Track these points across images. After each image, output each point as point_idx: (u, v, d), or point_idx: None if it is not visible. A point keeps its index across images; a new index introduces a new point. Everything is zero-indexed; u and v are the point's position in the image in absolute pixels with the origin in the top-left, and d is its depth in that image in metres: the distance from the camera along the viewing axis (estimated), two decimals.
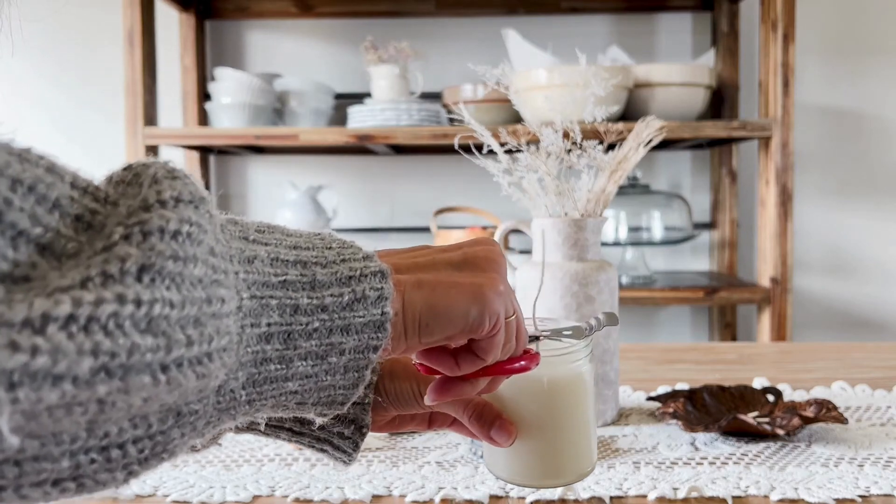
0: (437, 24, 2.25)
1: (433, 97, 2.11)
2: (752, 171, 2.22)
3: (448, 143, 1.56)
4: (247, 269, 0.36)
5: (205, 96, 2.21)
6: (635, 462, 0.72)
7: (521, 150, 0.83)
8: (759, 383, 0.97)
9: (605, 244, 2.02)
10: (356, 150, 2.16)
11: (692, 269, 2.30)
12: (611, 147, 0.84)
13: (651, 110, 1.86)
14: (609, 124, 0.84)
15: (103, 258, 0.29)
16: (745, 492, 0.65)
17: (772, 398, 0.86)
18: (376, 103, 1.98)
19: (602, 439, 0.78)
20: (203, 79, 2.23)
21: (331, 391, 0.39)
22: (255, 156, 2.31)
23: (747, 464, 0.71)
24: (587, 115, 0.83)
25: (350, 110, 2.02)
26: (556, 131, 0.82)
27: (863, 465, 0.70)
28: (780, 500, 0.63)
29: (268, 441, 0.76)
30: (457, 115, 0.86)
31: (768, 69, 1.92)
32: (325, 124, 2.08)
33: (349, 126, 2.00)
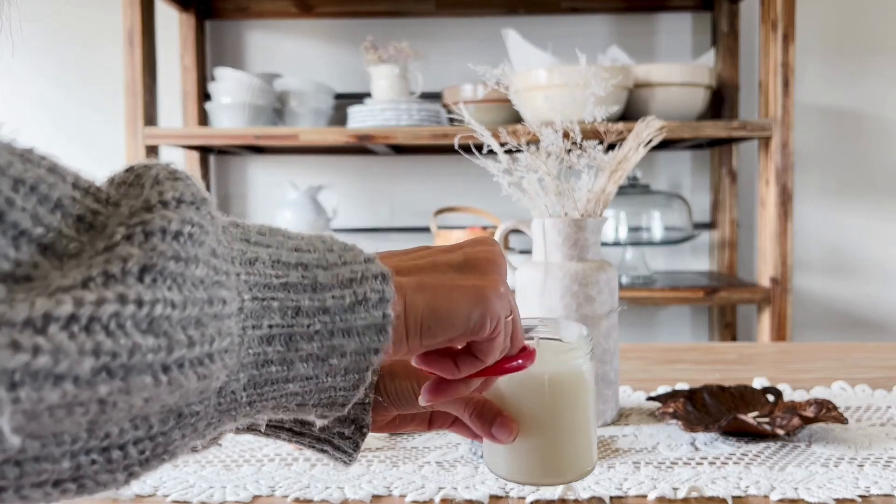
0: (437, 24, 2.25)
1: (433, 97, 2.11)
2: (752, 171, 2.22)
3: (448, 143, 1.56)
4: (248, 271, 0.36)
5: (205, 96, 2.21)
6: (635, 462, 0.72)
7: (521, 150, 0.83)
8: (759, 383, 0.97)
9: (605, 244, 2.02)
10: (356, 150, 2.16)
11: (692, 269, 2.30)
12: (611, 147, 0.84)
13: (651, 110, 1.86)
14: (609, 124, 0.84)
15: (105, 258, 0.29)
16: (745, 492, 0.65)
17: (772, 398, 0.86)
18: (376, 103, 1.98)
19: (602, 439, 0.78)
20: (203, 79, 2.23)
21: (331, 393, 0.39)
22: (255, 156, 2.31)
23: (747, 464, 0.71)
24: (587, 115, 0.83)
25: (350, 110, 2.02)
26: (556, 131, 0.82)
27: (863, 465, 0.70)
28: (780, 500, 0.63)
29: (268, 441, 0.76)
30: (457, 115, 0.85)
31: (768, 69, 1.92)
32: (325, 124, 2.08)
33: (349, 126, 2.00)
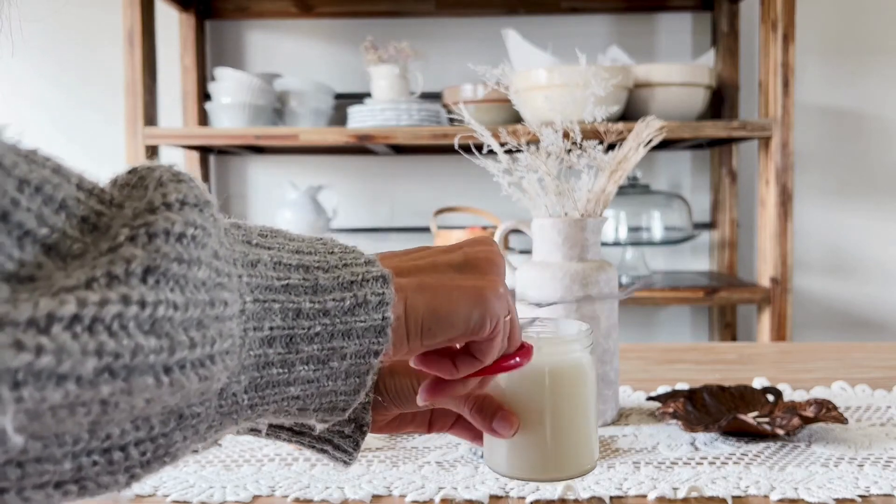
0: (437, 24, 2.25)
1: (433, 97, 2.11)
2: (752, 171, 2.22)
3: (448, 143, 1.56)
4: (250, 273, 0.36)
5: (205, 96, 2.21)
6: (635, 462, 0.72)
7: (521, 150, 0.83)
8: (759, 383, 0.97)
9: (605, 244, 2.02)
10: (356, 150, 2.16)
11: (692, 269, 2.30)
12: (611, 147, 0.84)
13: (651, 110, 1.86)
14: (609, 124, 0.84)
15: (108, 259, 0.29)
16: (745, 492, 0.65)
17: (772, 398, 0.86)
18: (376, 103, 1.98)
19: (602, 439, 0.78)
20: (203, 79, 2.23)
21: (332, 397, 0.39)
22: (255, 156, 2.31)
23: (747, 464, 0.71)
24: (587, 115, 0.83)
25: (350, 110, 2.02)
26: (556, 131, 0.82)
27: (863, 465, 0.70)
28: (780, 500, 0.63)
29: (268, 441, 0.76)
30: (457, 115, 0.85)
31: (768, 69, 1.92)
32: (325, 124, 2.08)
33: (349, 126, 2.00)
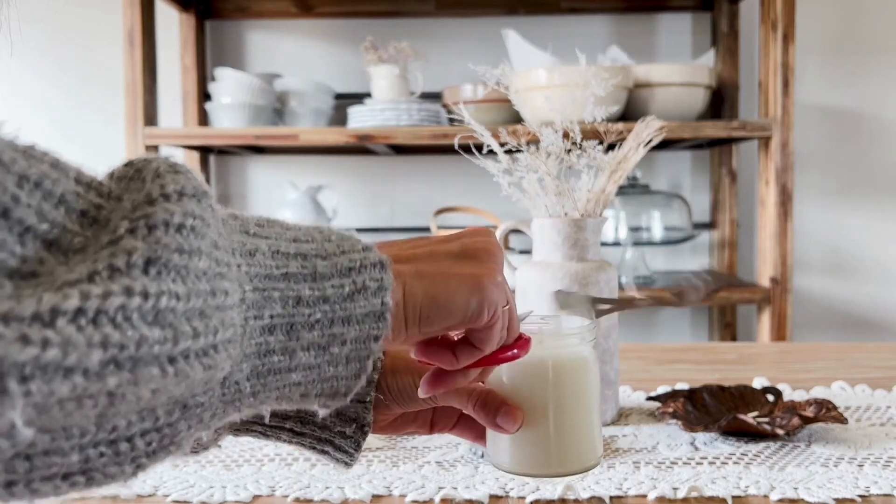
0: (437, 24, 2.25)
1: (433, 97, 2.11)
2: (752, 171, 2.22)
3: (448, 143, 1.56)
4: (249, 262, 0.36)
5: (205, 96, 2.21)
6: (635, 462, 0.72)
7: (521, 150, 0.83)
8: (759, 383, 0.97)
9: (605, 244, 2.02)
10: (356, 150, 2.16)
11: (692, 269, 2.30)
12: (611, 147, 0.84)
13: (651, 110, 1.86)
14: (609, 124, 0.84)
15: (110, 252, 0.29)
16: (745, 492, 0.65)
17: (772, 398, 0.86)
18: (376, 103, 1.98)
19: (602, 439, 0.78)
20: (203, 79, 2.23)
21: (334, 382, 0.39)
22: (255, 156, 2.31)
23: (747, 464, 0.71)
24: (587, 115, 0.83)
25: (350, 110, 2.02)
26: (556, 131, 0.82)
27: (862, 465, 0.70)
28: (780, 500, 0.63)
29: (268, 441, 0.76)
30: (457, 115, 0.85)
31: (768, 69, 1.92)
32: (325, 124, 2.08)
33: (349, 126, 2.00)
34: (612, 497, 0.64)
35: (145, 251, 0.30)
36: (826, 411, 0.78)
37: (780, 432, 0.75)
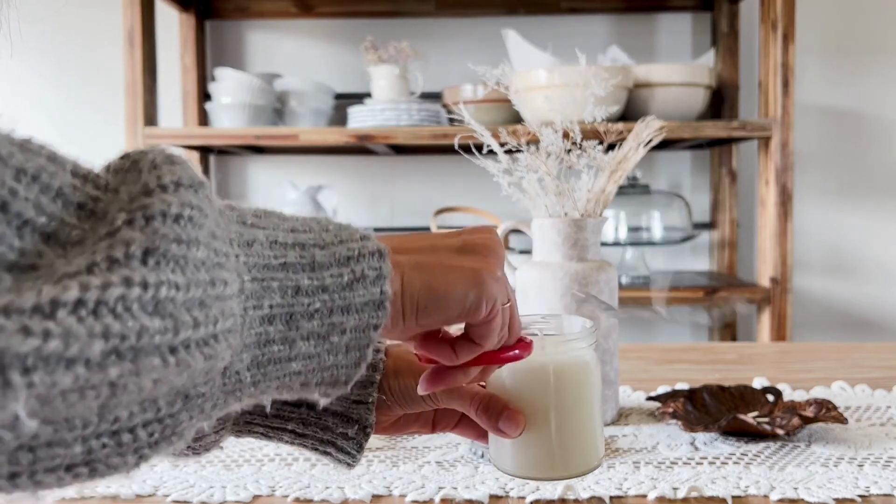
0: (437, 24, 2.25)
1: (433, 97, 2.11)
2: (752, 171, 2.22)
3: (448, 143, 1.56)
4: (247, 253, 0.36)
5: (205, 96, 2.21)
6: (635, 462, 0.72)
7: (521, 150, 0.83)
8: (759, 383, 0.97)
9: (605, 244, 2.02)
10: (356, 150, 2.16)
11: (692, 269, 2.30)
12: (611, 147, 0.84)
13: (651, 110, 1.86)
14: (609, 124, 0.84)
15: (108, 243, 0.29)
16: (745, 492, 0.65)
17: (772, 398, 0.86)
18: (376, 103, 1.98)
19: (604, 440, 0.78)
20: (203, 79, 2.23)
21: (334, 371, 0.39)
22: (255, 156, 2.31)
23: (747, 464, 0.71)
24: (587, 115, 0.83)
25: (350, 110, 2.02)
26: (556, 131, 0.82)
27: (862, 465, 0.70)
28: (780, 500, 0.63)
29: (270, 442, 0.76)
30: (457, 115, 0.85)
31: (768, 69, 1.92)
32: (325, 124, 2.08)
33: (349, 126, 2.00)
34: (612, 497, 0.64)
35: (143, 242, 0.30)
36: (826, 411, 0.78)
37: (780, 432, 0.75)
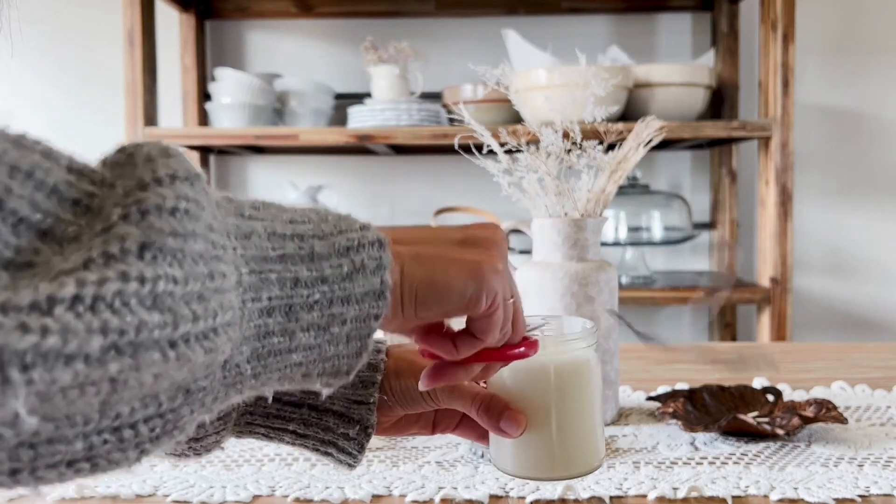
0: (437, 24, 2.25)
1: (433, 97, 2.11)
2: (752, 171, 2.22)
3: (448, 143, 1.56)
4: (244, 245, 0.36)
5: (205, 96, 2.21)
6: (635, 462, 0.72)
7: (521, 150, 0.83)
8: (759, 383, 0.97)
9: (605, 244, 2.02)
10: (356, 150, 2.16)
11: (692, 269, 2.30)
12: (611, 147, 0.84)
13: (651, 110, 1.86)
14: (609, 124, 0.84)
15: (103, 239, 0.29)
16: (745, 492, 0.65)
17: (772, 398, 0.86)
18: (376, 103, 1.98)
19: (605, 440, 0.78)
20: (203, 79, 2.23)
21: (335, 361, 0.39)
22: (255, 156, 2.31)
23: (747, 464, 0.71)
24: (587, 115, 0.83)
25: (350, 110, 2.02)
26: (556, 131, 0.82)
27: (862, 465, 0.70)
28: (780, 500, 0.63)
29: (271, 443, 0.76)
30: (457, 115, 0.85)
31: (768, 69, 1.92)
32: (325, 124, 2.08)
33: (349, 126, 2.00)
34: (612, 497, 0.64)
35: (139, 236, 0.30)
36: (826, 411, 0.78)
37: (780, 432, 0.75)
